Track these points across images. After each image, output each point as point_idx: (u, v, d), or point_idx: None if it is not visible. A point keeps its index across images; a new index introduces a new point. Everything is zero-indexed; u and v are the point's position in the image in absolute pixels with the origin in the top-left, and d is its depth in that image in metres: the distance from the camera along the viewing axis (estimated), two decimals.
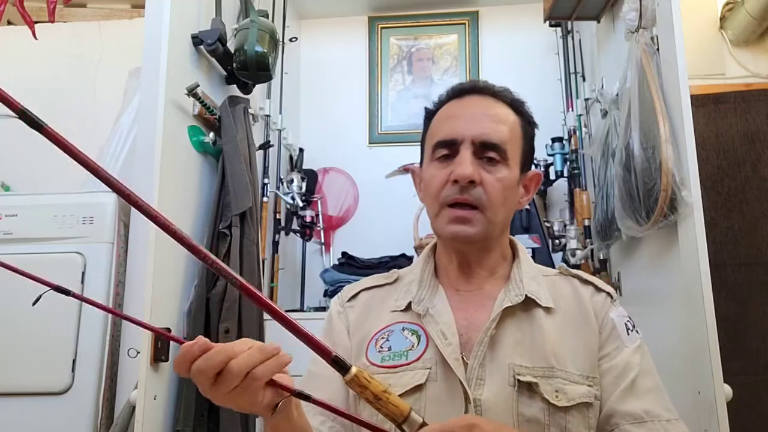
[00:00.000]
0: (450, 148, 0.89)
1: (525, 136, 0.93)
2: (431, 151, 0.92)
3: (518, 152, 0.91)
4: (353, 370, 0.61)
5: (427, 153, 0.94)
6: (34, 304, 0.72)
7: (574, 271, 0.95)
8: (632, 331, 0.88)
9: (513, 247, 0.96)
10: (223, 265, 0.54)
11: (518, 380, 0.80)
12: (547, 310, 0.87)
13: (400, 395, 0.80)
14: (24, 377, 1.53)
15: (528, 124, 0.94)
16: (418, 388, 0.82)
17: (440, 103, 0.96)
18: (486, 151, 0.87)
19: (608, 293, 0.92)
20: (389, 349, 0.87)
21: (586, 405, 0.80)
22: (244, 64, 1.83)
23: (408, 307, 0.90)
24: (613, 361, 0.85)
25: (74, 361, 1.51)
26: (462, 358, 0.82)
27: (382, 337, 0.89)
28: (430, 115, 0.97)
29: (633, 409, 0.81)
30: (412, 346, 0.86)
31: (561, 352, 0.83)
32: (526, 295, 0.87)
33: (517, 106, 0.94)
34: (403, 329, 0.88)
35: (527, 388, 0.80)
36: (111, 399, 1.52)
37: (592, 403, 0.81)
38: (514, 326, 0.85)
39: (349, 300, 0.98)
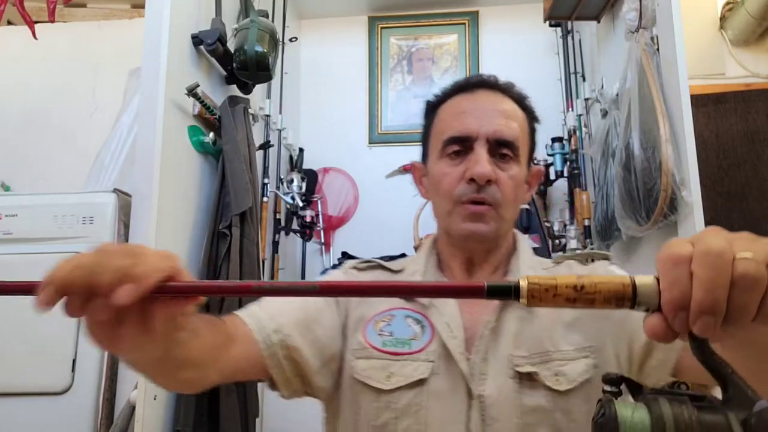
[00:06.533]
0: (463, 144, 0.86)
1: (530, 132, 0.92)
2: (441, 146, 0.88)
3: (526, 149, 0.90)
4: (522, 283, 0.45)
5: (435, 148, 0.91)
6: None
7: (570, 254, 0.93)
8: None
9: (514, 240, 0.95)
10: None
11: (517, 371, 0.79)
12: None
13: (401, 387, 0.80)
14: (24, 377, 1.52)
15: (531, 119, 0.93)
16: (421, 381, 0.80)
17: (445, 96, 0.93)
18: (500, 148, 0.85)
19: (605, 257, 0.90)
20: (391, 334, 0.85)
21: (587, 382, 0.79)
22: (244, 64, 1.83)
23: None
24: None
25: (74, 361, 1.50)
26: (465, 352, 0.82)
27: (383, 320, 0.86)
28: (433, 107, 0.94)
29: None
30: (415, 335, 0.84)
31: (553, 333, 0.81)
32: None
33: (521, 101, 0.93)
34: (407, 317, 0.87)
35: (528, 378, 0.79)
36: (111, 399, 1.52)
37: (591, 377, 0.79)
38: (514, 318, 0.83)
39: (353, 268, 0.95)
